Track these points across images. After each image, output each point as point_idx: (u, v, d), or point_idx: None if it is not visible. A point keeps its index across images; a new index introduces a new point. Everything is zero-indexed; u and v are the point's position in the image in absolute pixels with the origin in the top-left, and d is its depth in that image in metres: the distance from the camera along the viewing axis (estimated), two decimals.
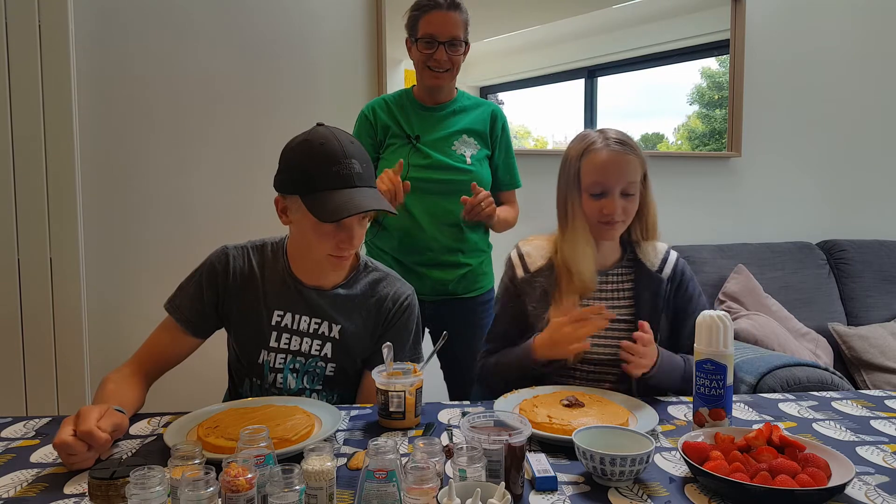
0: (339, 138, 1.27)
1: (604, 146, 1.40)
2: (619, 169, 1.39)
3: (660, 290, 1.46)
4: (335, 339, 1.38)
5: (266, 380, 1.38)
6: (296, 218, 1.30)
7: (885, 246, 2.89)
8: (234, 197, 2.49)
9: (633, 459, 0.95)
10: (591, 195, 1.41)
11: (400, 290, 1.44)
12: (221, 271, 1.38)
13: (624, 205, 1.41)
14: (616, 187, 1.40)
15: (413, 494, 0.82)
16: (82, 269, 2.35)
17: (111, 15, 2.35)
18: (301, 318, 1.37)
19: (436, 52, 1.79)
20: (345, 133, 1.31)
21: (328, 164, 1.24)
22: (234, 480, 0.82)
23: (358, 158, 1.27)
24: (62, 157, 2.29)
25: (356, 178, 1.25)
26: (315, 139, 1.27)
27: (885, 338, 2.53)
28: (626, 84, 2.87)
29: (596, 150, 1.40)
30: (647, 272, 1.47)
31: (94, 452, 1.04)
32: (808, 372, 1.85)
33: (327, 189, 1.24)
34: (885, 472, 1.04)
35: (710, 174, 2.94)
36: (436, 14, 1.78)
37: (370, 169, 1.31)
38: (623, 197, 1.41)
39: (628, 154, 1.40)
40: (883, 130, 3.08)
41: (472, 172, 1.85)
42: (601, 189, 1.40)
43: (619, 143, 1.41)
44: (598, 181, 1.40)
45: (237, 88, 2.47)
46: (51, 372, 2.33)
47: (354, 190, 1.24)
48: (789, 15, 2.95)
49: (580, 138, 1.46)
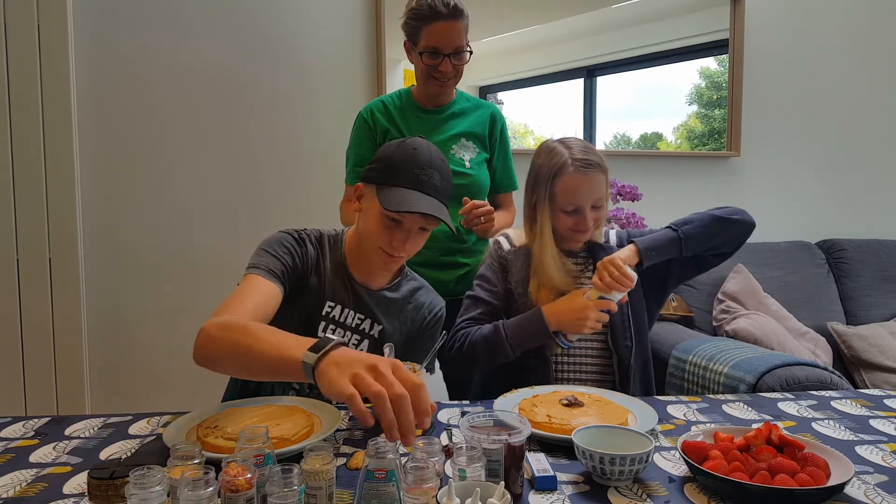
0: (432, 151, 1.36)
1: (574, 170, 1.50)
2: (589, 190, 1.51)
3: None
4: (374, 338, 1.42)
5: None
6: (366, 205, 1.36)
7: (885, 245, 2.89)
8: (233, 197, 2.49)
9: (633, 459, 0.95)
10: (564, 212, 1.53)
11: (435, 301, 1.53)
12: (300, 248, 1.37)
13: (595, 216, 1.54)
14: (587, 205, 1.52)
15: (413, 494, 0.82)
16: (82, 269, 2.35)
17: (110, 15, 2.35)
18: (349, 312, 1.41)
19: (441, 63, 1.76)
20: (439, 152, 1.38)
21: (412, 165, 1.31)
22: (234, 480, 0.82)
23: (441, 174, 1.34)
24: (61, 157, 2.29)
25: (431, 188, 1.32)
26: (411, 143, 1.35)
27: (885, 337, 2.53)
28: (625, 84, 2.86)
29: (567, 173, 1.50)
30: (600, 247, 1.61)
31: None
32: (807, 371, 1.85)
33: (402, 186, 1.30)
34: (885, 472, 1.04)
35: (709, 174, 2.94)
36: (438, 25, 1.72)
37: (448, 188, 1.38)
38: (593, 209, 1.54)
39: (596, 173, 1.51)
40: (882, 130, 3.08)
41: (471, 176, 1.85)
42: (574, 207, 1.52)
43: (587, 164, 1.50)
44: (570, 202, 1.52)
45: (236, 88, 2.47)
46: (50, 372, 2.33)
47: (425, 196, 1.31)
48: (788, 15, 2.95)
49: (548, 154, 1.55)
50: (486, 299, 1.60)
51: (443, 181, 1.34)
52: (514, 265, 1.60)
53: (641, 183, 2.39)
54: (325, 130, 2.53)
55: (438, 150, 1.38)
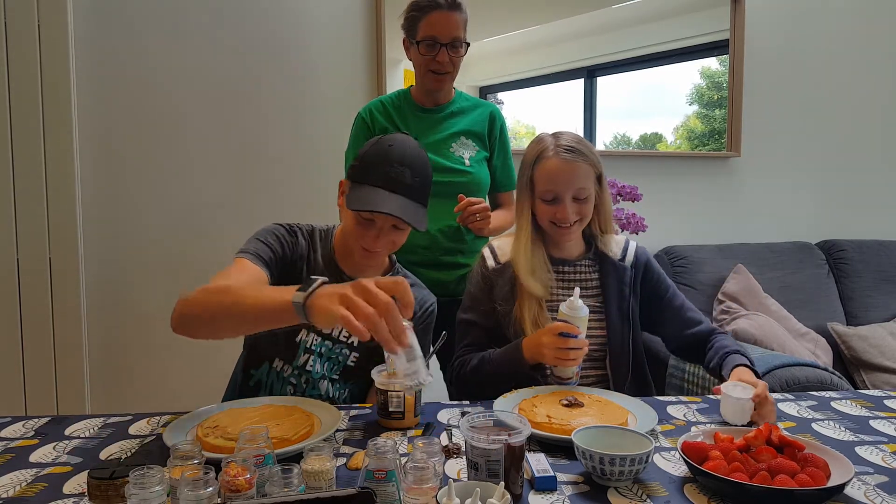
0: (407, 148, 1.34)
1: (554, 154, 1.45)
2: (568, 177, 1.45)
3: (625, 277, 1.53)
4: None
5: (297, 359, 1.40)
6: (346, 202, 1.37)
7: (885, 246, 2.89)
8: (233, 196, 2.49)
9: (633, 459, 0.95)
10: (543, 201, 1.48)
11: (426, 296, 1.51)
12: (289, 238, 1.41)
13: (577, 208, 1.47)
14: (567, 194, 1.45)
15: (412, 494, 0.82)
16: (82, 268, 2.35)
17: (110, 14, 2.35)
18: None
19: (438, 54, 1.78)
20: (417, 147, 1.37)
21: (383, 163, 1.31)
22: (234, 480, 0.82)
23: (415, 170, 1.33)
24: (61, 157, 2.29)
25: (401, 187, 1.31)
26: (387, 140, 1.35)
27: (885, 338, 2.53)
28: (625, 84, 2.86)
29: (547, 157, 1.46)
30: (611, 262, 1.53)
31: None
32: (807, 372, 1.85)
33: (371, 184, 1.31)
34: (885, 472, 1.04)
35: (709, 174, 2.94)
36: (436, 15, 1.76)
37: (424, 185, 1.36)
38: (576, 202, 1.47)
39: (578, 161, 1.45)
40: (882, 130, 3.08)
41: (470, 174, 1.85)
42: (553, 196, 1.46)
43: (569, 150, 1.45)
44: (549, 189, 1.46)
45: (236, 88, 2.47)
46: (50, 372, 2.33)
47: (393, 195, 1.30)
48: (789, 15, 2.95)
49: (536, 142, 1.52)
50: (477, 322, 1.53)
51: (416, 178, 1.33)
52: (498, 283, 1.51)
53: (641, 183, 2.39)
54: (325, 130, 2.53)
55: (419, 147, 1.38)
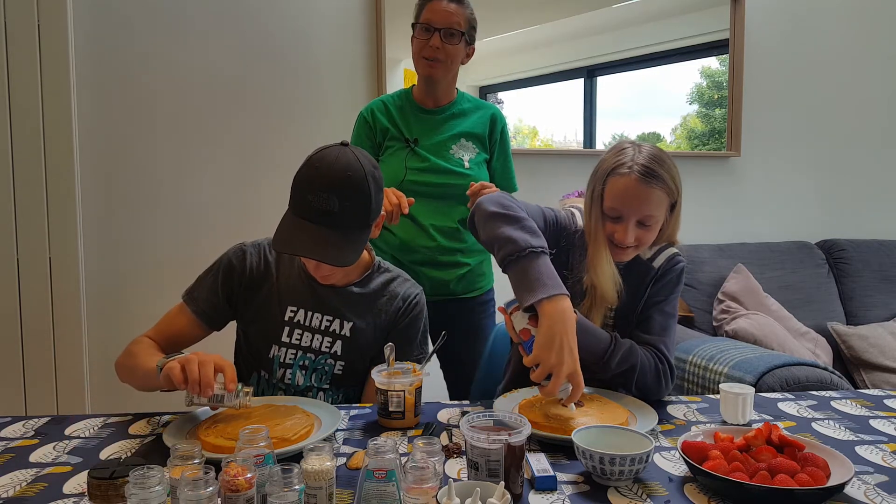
0: (335, 169, 1.21)
1: (629, 171, 1.32)
2: (638, 201, 1.32)
3: (647, 276, 1.41)
4: (346, 337, 1.40)
5: (274, 375, 1.39)
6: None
7: (885, 245, 2.89)
8: (233, 196, 2.49)
9: (633, 459, 0.95)
10: (608, 216, 1.36)
11: (410, 289, 1.48)
12: (238, 267, 1.41)
13: (639, 234, 1.34)
14: (632, 217, 1.33)
15: (412, 494, 0.82)
16: (82, 268, 2.35)
17: (110, 14, 2.35)
18: (314, 314, 1.39)
19: (431, 38, 1.78)
20: (351, 163, 1.23)
21: (306, 190, 1.23)
22: (234, 480, 0.82)
23: (343, 195, 1.21)
24: (61, 157, 2.29)
25: (322, 216, 1.22)
26: (318, 158, 1.25)
27: (885, 337, 2.53)
28: (625, 84, 2.86)
29: (622, 174, 1.32)
30: (637, 259, 1.42)
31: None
32: (807, 371, 1.85)
33: (294, 213, 1.26)
34: (885, 472, 1.04)
35: (709, 174, 2.94)
36: (437, 2, 1.78)
37: (357, 209, 1.24)
38: (639, 226, 1.34)
39: (653, 187, 1.32)
40: (882, 130, 3.08)
41: (470, 176, 1.85)
42: (617, 214, 1.34)
43: (647, 172, 1.32)
44: (615, 207, 1.33)
45: (236, 89, 2.47)
46: (50, 372, 2.33)
47: (312, 226, 1.22)
48: (788, 15, 2.95)
49: (615, 152, 1.38)
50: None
51: (346, 203, 1.21)
52: (575, 249, 1.41)
53: None
54: (326, 130, 2.52)
55: (356, 161, 1.24)
